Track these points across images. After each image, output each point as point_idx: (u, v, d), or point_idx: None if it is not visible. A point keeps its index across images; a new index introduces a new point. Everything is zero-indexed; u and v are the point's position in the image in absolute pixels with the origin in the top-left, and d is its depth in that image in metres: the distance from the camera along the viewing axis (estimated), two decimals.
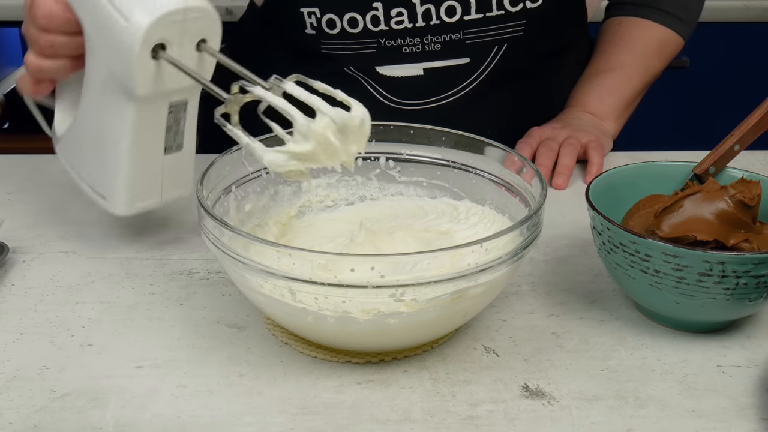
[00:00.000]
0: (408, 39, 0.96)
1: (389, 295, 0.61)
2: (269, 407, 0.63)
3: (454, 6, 0.94)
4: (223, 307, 0.75)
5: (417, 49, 0.97)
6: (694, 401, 0.64)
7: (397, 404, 0.64)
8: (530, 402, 0.64)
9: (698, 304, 0.68)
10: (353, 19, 0.94)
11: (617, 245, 0.69)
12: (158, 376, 0.66)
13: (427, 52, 0.97)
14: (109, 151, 0.76)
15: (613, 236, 0.69)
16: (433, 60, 0.98)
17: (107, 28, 0.70)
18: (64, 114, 0.83)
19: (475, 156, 0.78)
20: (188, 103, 0.77)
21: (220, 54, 0.73)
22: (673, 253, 0.65)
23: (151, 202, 0.80)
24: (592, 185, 0.74)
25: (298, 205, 0.81)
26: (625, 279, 0.71)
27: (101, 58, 0.73)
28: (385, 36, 0.96)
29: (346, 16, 0.94)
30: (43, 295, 0.76)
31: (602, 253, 0.72)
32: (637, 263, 0.68)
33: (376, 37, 0.96)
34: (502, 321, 0.73)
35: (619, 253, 0.69)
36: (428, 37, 0.96)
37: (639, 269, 0.68)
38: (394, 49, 0.97)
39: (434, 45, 0.97)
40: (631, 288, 0.71)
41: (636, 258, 0.68)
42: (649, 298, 0.70)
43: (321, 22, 0.95)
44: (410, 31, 0.95)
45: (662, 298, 0.69)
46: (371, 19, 0.94)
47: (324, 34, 0.97)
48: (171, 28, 0.70)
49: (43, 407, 0.63)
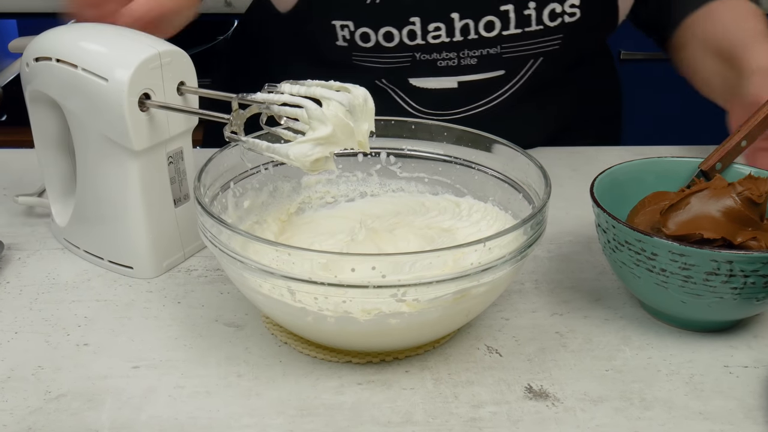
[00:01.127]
0: (444, 53, 0.94)
1: (390, 295, 0.59)
2: (268, 408, 0.62)
3: (493, 21, 0.92)
4: (221, 306, 0.73)
5: (452, 62, 0.95)
6: (701, 403, 0.63)
7: (399, 406, 0.63)
8: (534, 403, 0.63)
9: (705, 304, 0.66)
10: (389, 33, 0.93)
11: (622, 243, 0.68)
12: (155, 376, 0.65)
13: (462, 66, 0.96)
14: (121, 218, 0.76)
15: (618, 234, 0.68)
16: (468, 74, 0.96)
17: (89, 94, 0.72)
18: (61, 204, 0.83)
19: (478, 152, 0.77)
20: (183, 150, 0.78)
21: (202, 89, 0.75)
22: (680, 251, 0.64)
23: (176, 258, 0.79)
24: (597, 181, 0.73)
25: (298, 202, 0.80)
26: (630, 277, 0.69)
27: (90, 127, 0.74)
28: (421, 50, 0.94)
29: (382, 30, 0.93)
30: (38, 293, 0.75)
31: (607, 251, 0.71)
32: (642, 262, 0.67)
33: (411, 51, 0.94)
34: (504, 320, 0.72)
35: (624, 251, 0.68)
36: (465, 51, 0.94)
37: (645, 268, 0.67)
38: (428, 63, 0.95)
39: (470, 59, 0.95)
40: (636, 287, 0.70)
41: (642, 256, 0.66)
42: (655, 297, 0.69)
43: (354, 35, 0.93)
44: (447, 45, 0.94)
45: (668, 297, 0.67)
46: (408, 33, 0.92)
47: (357, 46, 0.95)
48: (151, 75, 0.72)
49: (37, 408, 0.62)
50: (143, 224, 0.75)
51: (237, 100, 0.67)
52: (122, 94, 0.70)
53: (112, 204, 0.76)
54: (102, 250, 0.79)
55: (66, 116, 0.76)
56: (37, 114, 0.80)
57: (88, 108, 0.73)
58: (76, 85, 0.73)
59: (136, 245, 0.76)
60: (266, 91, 0.66)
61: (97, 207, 0.78)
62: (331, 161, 0.66)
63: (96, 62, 0.72)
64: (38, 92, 0.77)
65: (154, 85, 0.72)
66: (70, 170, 0.81)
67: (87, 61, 0.72)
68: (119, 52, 0.72)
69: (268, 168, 0.77)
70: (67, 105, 0.75)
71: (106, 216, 0.77)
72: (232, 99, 0.67)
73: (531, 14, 0.92)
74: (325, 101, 0.64)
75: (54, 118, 0.79)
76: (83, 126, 0.75)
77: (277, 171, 0.78)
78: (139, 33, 0.76)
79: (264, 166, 0.77)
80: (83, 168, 0.77)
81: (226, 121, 0.67)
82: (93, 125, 0.74)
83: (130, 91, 0.70)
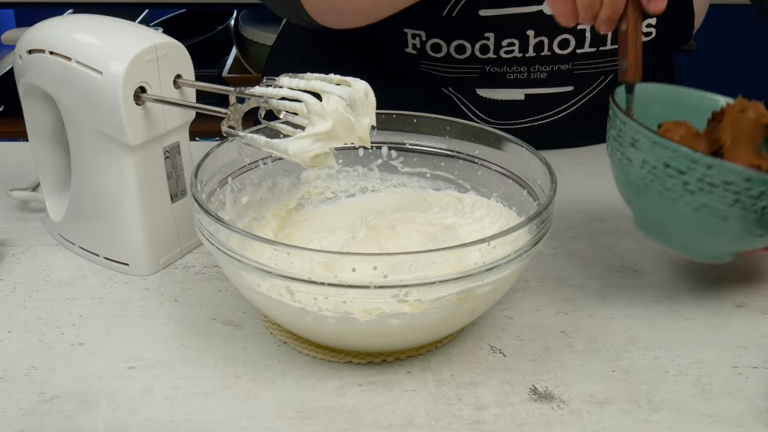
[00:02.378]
0: (515, 67, 0.93)
1: (392, 295, 0.58)
2: (266, 411, 0.61)
3: (568, 39, 0.91)
4: (219, 304, 0.72)
5: (522, 76, 0.94)
6: (710, 405, 0.62)
7: (400, 408, 0.61)
8: (539, 405, 0.61)
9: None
10: (461, 46, 0.91)
11: (709, 183, 0.63)
12: (151, 377, 0.64)
13: (531, 80, 0.94)
14: (117, 214, 0.74)
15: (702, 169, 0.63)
16: (536, 87, 0.95)
17: (84, 88, 0.70)
18: (56, 199, 0.81)
19: (481, 147, 0.75)
20: (180, 144, 0.76)
21: (199, 83, 0.73)
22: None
23: (173, 255, 0.78)
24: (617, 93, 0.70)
25: (297, 197, 0.78)
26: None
27: (84, 121, 0.72)
28: (492, 63, 0.92)
29: (454, 42, 0.91)
30: (32, 291, 0.73)
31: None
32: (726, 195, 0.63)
33: (482, 64, 0.93)
34: (508, 319, 0.71)
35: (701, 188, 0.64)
36: (536, 66, 0.93)
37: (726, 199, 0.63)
38: (498, 75, 0.94)
39: (540, 74, 0.94)
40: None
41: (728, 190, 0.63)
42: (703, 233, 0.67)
43: (425, 45, 0.92)
44: (518, 60, 0.92)
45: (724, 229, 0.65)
46: (480, 47, 0.91)
47: (426, 56, 0.93)
48: (146, 68, 0.70)
49: (30, 411, 0.60)
50: (139, 220, 0.74)
51: (234, 94, 0.65)
52: (117, 88, 0.68)
53: (107, 199, 0.75)
54: (97, 247, 0.77)
55: (60, 110, 0.75)
56: (31, 107, 0.78)
57: (83, 102, 0.71)
58: (70, 79, 0.71)
59: (132, 242, 0.75)
60: (265, 85, 0.65)
61: (92, 202, 0.76)
62: (331, 157, 0.64)
63: (90, 55, 0.70)
64: (32, 85, 0.76)
65: (150, 78, 0.71)
66: (65, 165, 0.80)
67: (81, 54, 0.70)
68: (114, 44, 0.71)
69: (267, 163, 0.76)
70: (61, 98, 0.73)
71: (101, 212, 0.75)
72: (230, 93, 0.65)
73: (607, 34, 0.91)
74: (325, 95, 0.63)
75: (48, 111, 0.77)
76: (78, 120, 0.73)
77: (276, 166, 0.76)
78: (135, 25, 0.74)
79: (263, 161, 0.75)
80: (78, 163, 0.76)
81: (224, 116, 0.66)
82: (87, 119, 0.72)
83: (126, 85, 0.69)
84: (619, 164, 0.68)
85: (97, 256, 0.77)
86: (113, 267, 0.76)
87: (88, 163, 0.75)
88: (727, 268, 0.77)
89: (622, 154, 0.67)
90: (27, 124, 0.79)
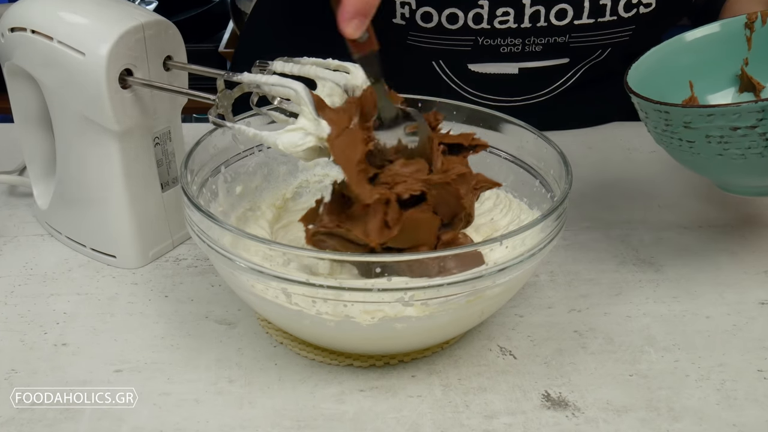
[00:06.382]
0: (509, 39, 0.88)
1: (397, 299, 0.54)
2: (262, 419, 0.57)
3: (565, 9, 0.86)
4: (212, 300, 0.68)
5: (516, 49, 0.89)
6: (734, 413, 0.58)
7: (405, 416, 0.57)
8: (552, 413, 0.58)
9: None
10: (453, 15, 0.86)
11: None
12: (139, 381, 0.60)
13: (526, 53, 0.90)
14: (103, 203, 0.70)
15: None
16: (531, 60, 0.91)
17: (66, 70, 0.66)
18: (43, 184, 0.77)
19: (491, 133, 0.70)
20: (171, 131, 0.72)
21: (191, 65, 0.68)
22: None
23: (163, 247, 0.73)
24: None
25: (295, 186, 0.74)
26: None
27: (68, 104, 0.68)
28: (485, 34, 0.88)
29: (446, 11, 0.86)
30: (14, 286, 0.69)
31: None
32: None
33: (475, 35, 0.88)
34: (519, 317, 0.67)
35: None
36: (531, 38, 0.88)
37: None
38: (491, 48, 0.89)
39: (535, 47, 0.89)
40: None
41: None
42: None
43: (415, 14, 0.87)
44: (513, 31, 0.88)
45: None
46: (473, 16, 0.86)
47: (416, 26, 0.88)
48: (133, 49, 0.65)
49: (9, 419, 0.56)
50: (126, 210, 0.70)
51: (223, 78, 0.60)
52: (101, 70, 0.64)
53: (93, 188, 0.70)
54: (84, 237, 0.73)
55: (43, 92, 0.70)
56: (15, 88, 0.74)
57: (66, 84, 0.67)
58: (53, 59, 0.67)
59: (120, 232, 0.71)
60: (258, 69, 0.60)
61: (77, 190, 0.72)
62: (326, 150, 0.59)
63: (73, 34, 0.65)
64: (15, 66, 0.71)
65: (137, 59, 0.66)
66: (52, 149, 0.75)
67: (63, 33, 0.66)
68: (98, 23, 0.66)
69: (263, 150, 0.71)
70: (43, 80, 0.69)
71: (87, 200, 0.71)
72: (218, 77, 0.61)
73: (606, 4, 0.86)
74: (320, 82, 0.58)
75: (33, 93, 0.73)
76: (61, 104, 0.69)
77: (271, 153, 0.72)
78: (123, 2, 0.69)
79: (258, 148, 0.71)
80: (63, 148, 0.71)
81: (212, 102, 0.61)
82: (71, 103, 0.68)
83: (110, 67, 0.64)
84: (682, 151, 0.64)
85: (84, 246, 0.73)
86: (100, 259, 0.72)
87: (74, 149, 0.70)
88: (748, 261, 0.73)
89: (680, 140, 0.63)
90: (12, 106, 0.75)
